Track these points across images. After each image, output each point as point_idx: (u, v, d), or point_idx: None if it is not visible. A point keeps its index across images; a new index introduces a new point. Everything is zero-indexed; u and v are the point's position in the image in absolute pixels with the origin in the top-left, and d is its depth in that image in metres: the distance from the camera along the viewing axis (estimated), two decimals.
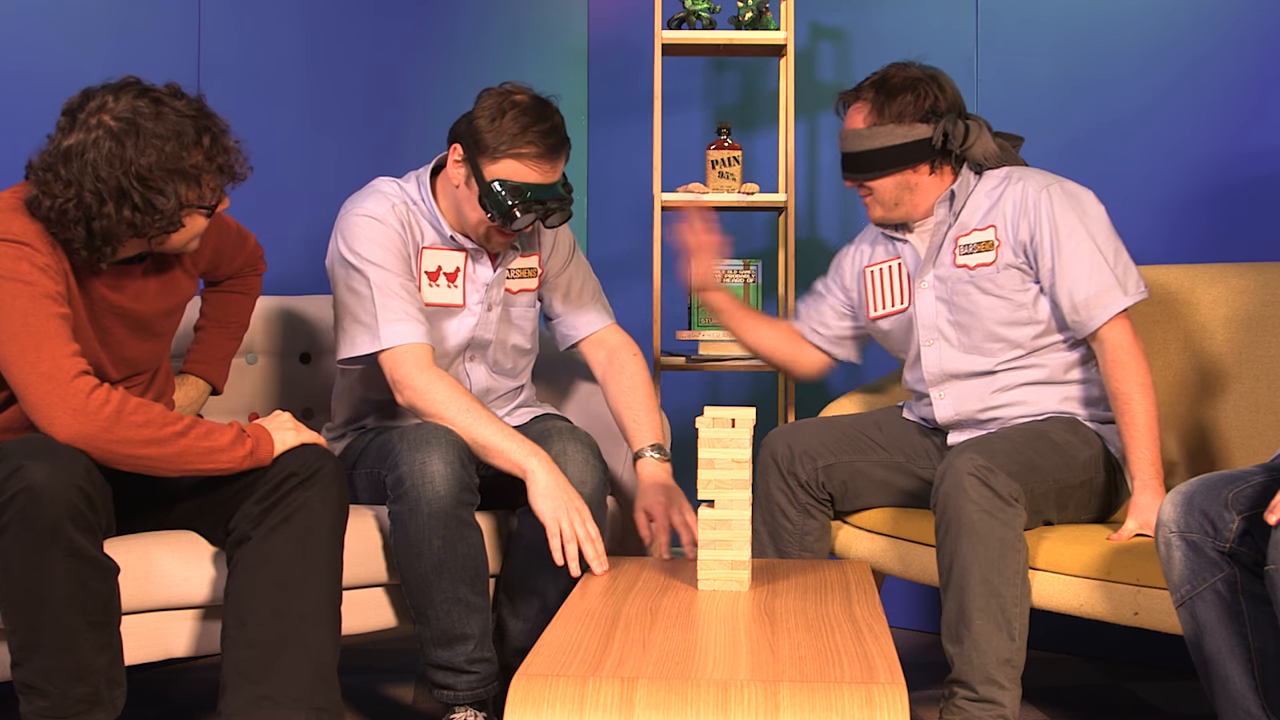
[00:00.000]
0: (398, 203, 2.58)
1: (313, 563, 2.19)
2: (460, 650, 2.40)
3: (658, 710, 1.66)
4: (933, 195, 2.69)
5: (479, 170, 2.51)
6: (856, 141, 2.67)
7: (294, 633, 2.16)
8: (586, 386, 2.97)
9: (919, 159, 2.65)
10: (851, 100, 2.71)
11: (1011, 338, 2.62)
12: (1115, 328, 2.53)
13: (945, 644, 2.38)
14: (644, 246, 3.53)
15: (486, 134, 2.49)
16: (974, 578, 2.33)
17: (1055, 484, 2.47)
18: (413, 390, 2.46)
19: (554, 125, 2.51)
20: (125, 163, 2.07)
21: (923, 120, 2.64)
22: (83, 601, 2.01)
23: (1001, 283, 2.61)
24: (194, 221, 2.19)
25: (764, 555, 2.69)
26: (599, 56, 3.84)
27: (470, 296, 2.65)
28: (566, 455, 2.51)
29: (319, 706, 2.14)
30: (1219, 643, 2.04)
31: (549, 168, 2.51)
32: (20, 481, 1.95)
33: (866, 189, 2.70)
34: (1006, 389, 2.63)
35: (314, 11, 3.34)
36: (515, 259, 2.71)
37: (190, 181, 2.13)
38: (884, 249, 2.82)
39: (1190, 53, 3.12)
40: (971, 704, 2.33)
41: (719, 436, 2.19)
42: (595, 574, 2.29)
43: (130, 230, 2.11)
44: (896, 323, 2.77)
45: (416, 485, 2.34)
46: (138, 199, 2.08)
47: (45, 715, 2.02)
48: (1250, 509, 2.00)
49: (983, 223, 2.65)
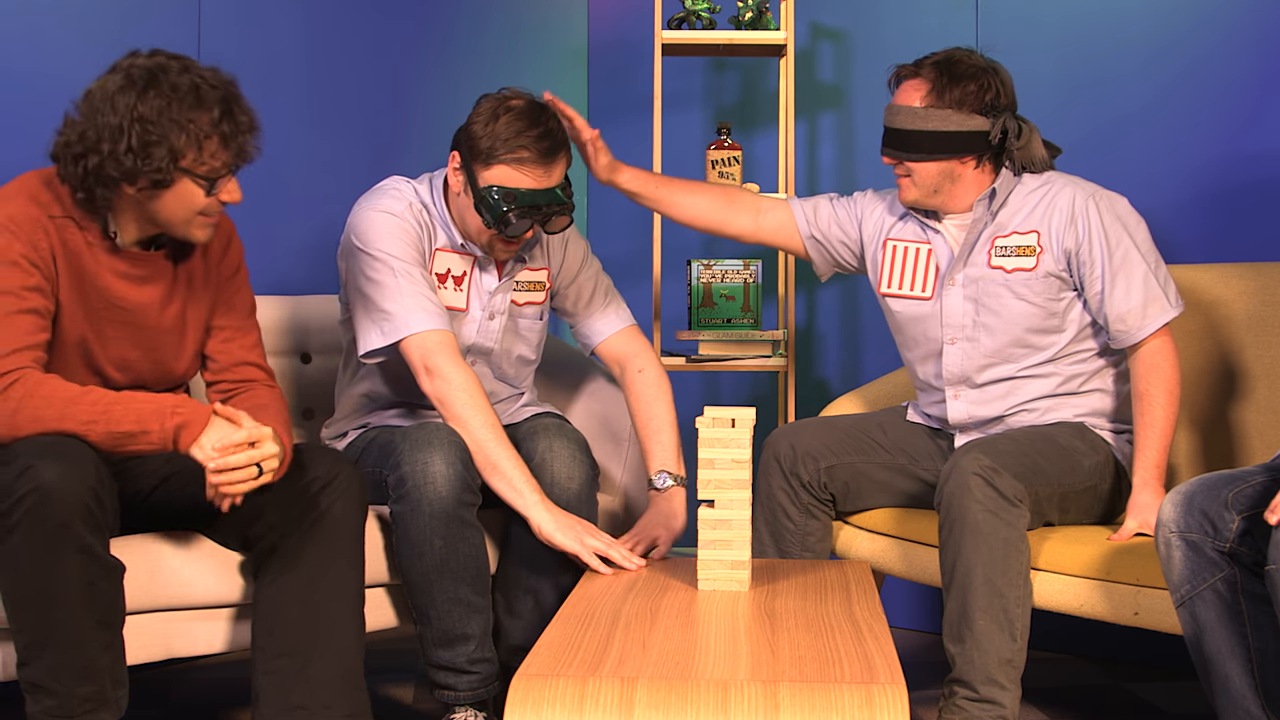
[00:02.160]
0: (414, 202, 2.58)
1: (340, 568, 2.21)
2: (461, 650, 2.40)
3: (658, 710, 1.66)
4: (972, 190, 2.63)
5: (473, 177, 2.50)
6: (908, 119, 2.59)
7: (324, 640, 2.18)
8: (585, 384, 2.97)
9: (969, 150, 2.58)
10: (909, 75, 2.62)
11: (1037, 344, 2.59)
12: (1157, 339, 2.53)
13: (946, 643, 2.37)
14: (644, 247, 3.53)
15: (481, 140, 2.48)
16: (977, 578, 2.33)
17: (1059, 488, 2.47)
18: (444, 381, 2.45)
19: (548, 129, 2.49)
20: (130, 105, 2.07)
21: (980, 112, 2.57)
22: (92, 600, 2.01)
23: (1038, 289, 2.57)
24: (190, 190, 2.15)
25: (765, 555, 2.69)
26: (599, 56, 3.84)
27: (474, 302, 2.64)
28: (553, 451, 2.50)
29: (351, 713, 2.18)
30: (1219, 642, 2.04)
31: (543, 172, 2.49)
32: (30, 481, 1.95)
33: (905, 169, 2.61)
34: (1026, 399, 2.61)
35: (314, 11, 3.34)
36: (522, 271, 2.69)
37: (190, 140, 2.10)
38: (914, 229, 2.73)
39: (1190, 52, 3.12)
40: (972, 704, 2.33)
41: (719, 436, 2.19)
42: (633, 570, 2.35)
43: (121, 172, 2.09)
44: (913, 310, 2.70)
45: (419, 485, 2.34)
46: (134, 140, 2.07)
47: (52, 714, 2.02)
48: (1250, 509, 2.00)
49: (1024, 226, 2.59)
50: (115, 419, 2.06)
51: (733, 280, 3.34)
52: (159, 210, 2.17)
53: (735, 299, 3.34)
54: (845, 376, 3.59)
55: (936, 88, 2.57)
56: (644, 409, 2.70)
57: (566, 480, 2.47)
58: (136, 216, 2.19)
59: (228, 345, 2.37)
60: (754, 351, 3.30)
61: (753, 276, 3.34)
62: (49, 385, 2.08)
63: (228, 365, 2.37)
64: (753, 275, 3.34)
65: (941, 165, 2.59)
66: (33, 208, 2.14)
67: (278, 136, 3.26)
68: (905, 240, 2.73)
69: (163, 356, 2.29)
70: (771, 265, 3.53)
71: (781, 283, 3.37)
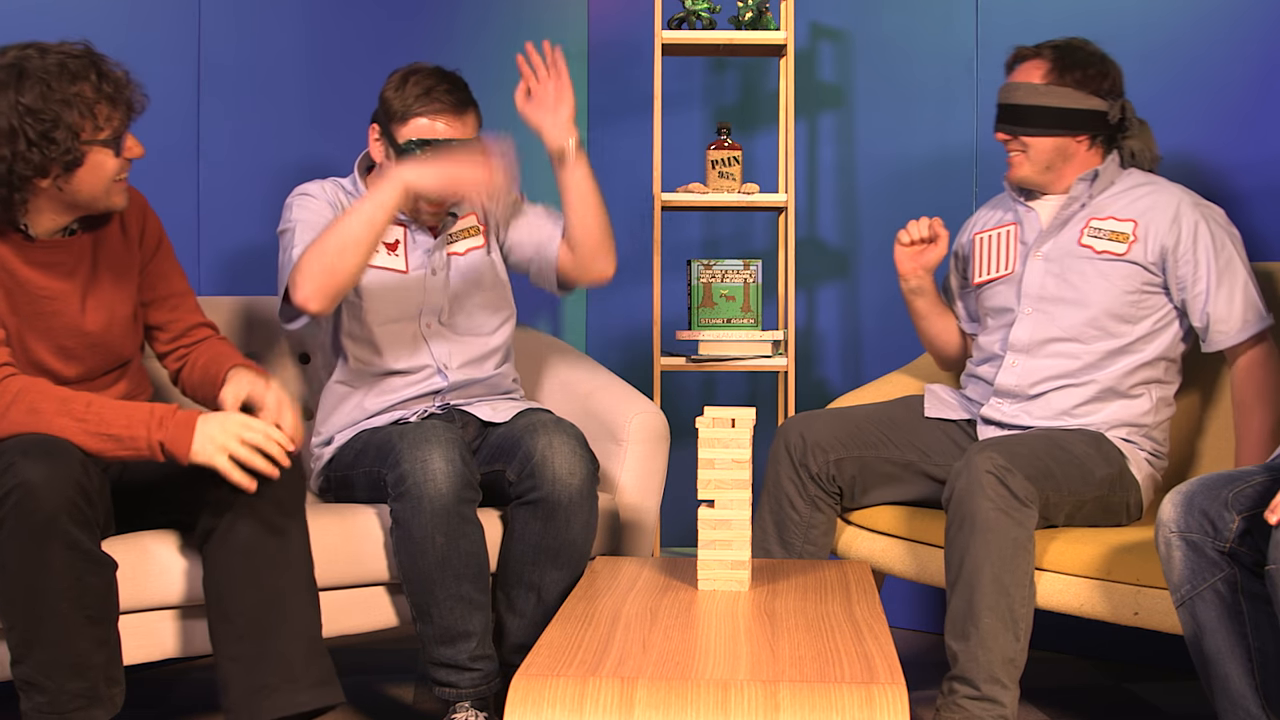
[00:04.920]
0: (329, 185, 2.70)
1: (283, 537, 2.20)
2: (463, 648, 2.40)
3: (658, 710, 1.66)
4: (1081, 171, 2.69)
5: (393, 138, 2.62)
6: (1028, 95, 2.66)
7: (279, 613, 2.18)
8: (575, 383, 2.97)
9: (1086, 129, 2.66)
10: (1030, 55, 2.71)
11: (1112, 330, 2.62)
12: (1257, 348, 2.57)
13: (949, 640, 2.37)
14: (644, 246, 3.53)
15: (393, 102, 2.63)
16: (985, 575, 2.33)
17: (1069, 495, 2.47)
18: (295, 269, 2.50)
19: (455, 83, 2.63)
20: (12, 103, 2.09)
21: (1097, 95, 2.65)
22: (79, 596, 2.02)
23: (1123, 273, 2.61)
24: (100, 160, 2.17)
25: (766, 544, 2.69)
26: (599, 56, 3.84)
27: (413, 262, 2.71)
28: (553, 447, 2.50)
29: (317, 681, 2.18)
30: (1219, 642, 2.04)
31: (457, 122, 2.61)
32: (15, 478, 1.96)
33: (1020, 144, 2.68)
34: (1075, 377, 2.63)
35: (314, 11, 3.34)
36: (455, 225, 2.77)
37: (82, 111, 2.13)
38: (1000, 215, 2.82)
39: (1189, 52, 3.12)
40: (972, 702, 2.33)
41: (719, 436, 2.19)
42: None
43: (31, 169, 2.10)
44: (996, 288, 2.76)
45: (419, 483, 2.34)
46: (32, 134, 2.09)
47: (44, 711, 2.02)
48: (1250, 509, 2.00)
49: (1123, 214, 2.64)
50: (106, 420, 2.08)
51: (733, 280, 3.34)
52: (78, 191, 2.18)
53: (735, 299, 3.34)
54: (845, 376, 3.59)
55: (1057, 67, 2.67)
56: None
57: (568, 476, 2.47)
58: (53, 208, 2.21)
59: (175, 313, 2.43)
60: (754, 351, 3.30)
61: (753, 276, 3.34)
62: (43, 382, 2.10)
63: (180, 332, 2.44)
64: (753, 275, 3.34)
65: (1057, 141, 2.67)
66: None
67: (278, 137, 3.27)
68: (990, 229, 2.82)
69: (100, 339, 2.30)
70: (771, 265, 3.53)
71: (781, 283, 3.37)
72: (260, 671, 2.15)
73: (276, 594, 2.18)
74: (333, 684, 2.20)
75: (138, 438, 2.09)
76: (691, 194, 3.31)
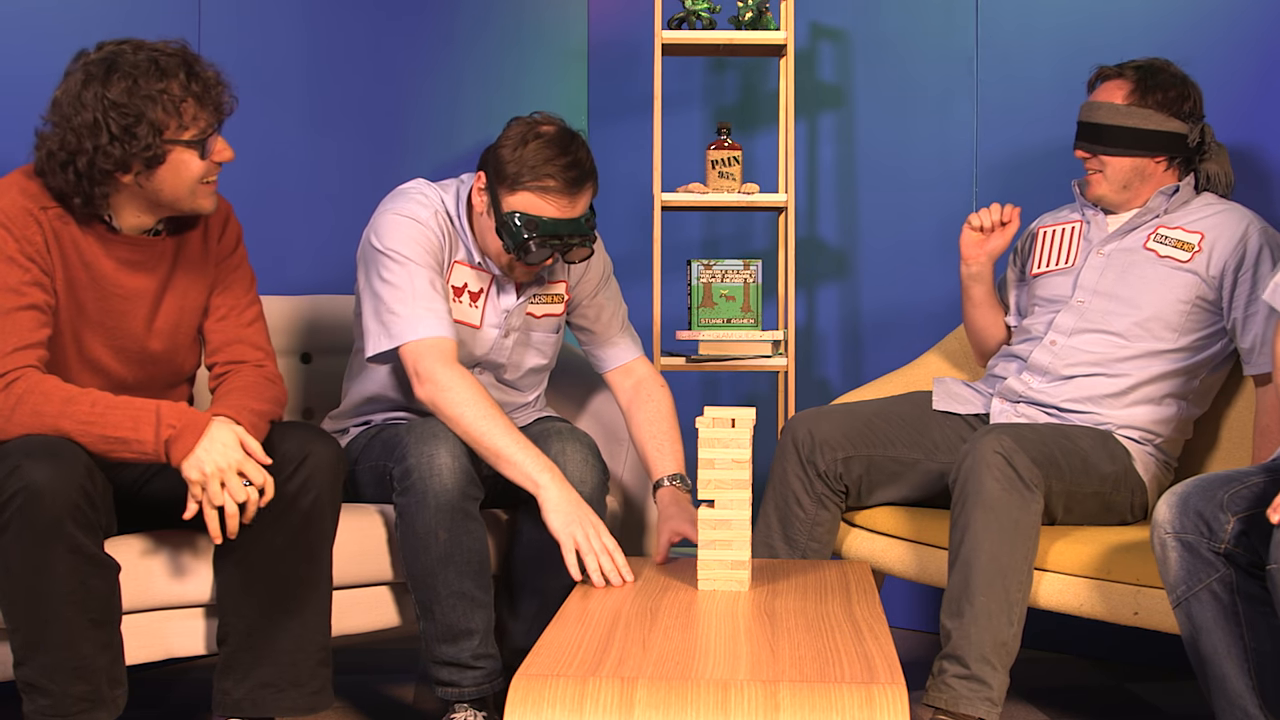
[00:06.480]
0: (440, 211, 2.55)
1: (299, 540, 2.20)
2: (465, 646, 2.40)
3: (658, 710, 1.66)
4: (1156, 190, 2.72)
5: (498, 200, 2.48)
6: (1110, 115, 2.68)
7: (289, 616, 2.20)
8: (590, 389, 2.97)
9: (1165, 150, 2.68)
10: (1113, 75, 2.73)
11: (1158, 333, 2.63)
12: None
13: (944, 619, 2.37)
14: (644, 247, 3.53)
15: (508, 164, 2.45)
16: (983, 554, 2.33)
17: (1069, 485, 2.48)
18: (434, 385, 2.41)
19: (576, 159, 2.46)
20: (99, 96, 2.09)
21: (1178, 117, 2.67)
22: (83, 599, 2.02)
23: (1181, 282, 2.63)
24: (184, 159, 2.16)
25: (770, 541, 2.69)
26: (599, 56, 3.84)
27: (488, 318, 2.61)
28: (565, 455, 2.50)
29: (316, 690, 2.22)
30: (1215, 643, 2.04)
31: (568, 202, 2.46)
32: (20, 480, 1.95)
33: (1099, 163, 2.71)
34: (1109, 393, 2.64)
35: (314, 11, 3.34)
36: (543, 286, 2.68)
37: (167, 109, 2.12)
38: (1067, 214, 2.86)
39: (1189, 53, 3.12)
40: (960, 682, 2.33)
41: (719, 436, 2.19)
42: (618, 586, 2.25)
43: (112, 163, 2.10)
44: (1053, 279, 2.78)
45: (424, 477, 2.34)
46: (115, 127, 2.09)
47: (47, 714, 2.02)
48: (1247, 510, 2.00)
49: (1193, 226, 2.68)
50: (112, 423, 2.07)
51: (733, 280, 3.34)
52: (160, 190, 2.17)
53: (735, 299, 3.34)
54: (845, 376, 3.59)
55: (1139, 88, 2.69)
56: (652, 425, 2.68)
57: (579, 484, 2.46)
58: (136, 206, 2.20)
59: (222, 324, 2.36)
60: (754, 351, 3.30)
61: (753, 276, 3.34)
62: (48, 383, 2.08)
63: (220, 345, 2.35)
64: (753, 275, 3.34)
65: (1135, 162, 2.69)
66: (24, 200, 2.14)
67: (278, 137, 3.27)
68: (1056, 224, 2.85)
69: (161, 346, 2.29)
70: (771, 265, 3.53)
71: (781, 283, 3.37)
72: (265, 666, 2.19)
73: (288, 593, 2.20)
74: (327, 691, 2.25)
75: (144, 440, 2.08)
76: (691, 194, 3.31)
